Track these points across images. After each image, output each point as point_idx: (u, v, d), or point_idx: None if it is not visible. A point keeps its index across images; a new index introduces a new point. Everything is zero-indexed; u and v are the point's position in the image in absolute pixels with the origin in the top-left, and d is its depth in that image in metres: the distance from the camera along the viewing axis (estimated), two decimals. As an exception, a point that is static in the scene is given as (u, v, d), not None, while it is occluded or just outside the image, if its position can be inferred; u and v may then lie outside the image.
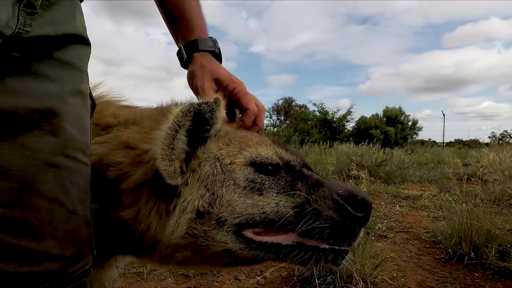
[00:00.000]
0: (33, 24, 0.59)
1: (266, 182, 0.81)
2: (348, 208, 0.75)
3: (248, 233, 0.78)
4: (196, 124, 0.79)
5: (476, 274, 2.39)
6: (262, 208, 0.78)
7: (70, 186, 0.65)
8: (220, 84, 0.99)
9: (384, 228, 3.39)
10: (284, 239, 0.77)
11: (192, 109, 0.76)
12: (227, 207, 0.78)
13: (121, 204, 0.81)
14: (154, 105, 1.10)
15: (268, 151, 0.86)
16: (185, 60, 1.03)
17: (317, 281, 1.98)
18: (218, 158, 0.82)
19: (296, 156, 0.91)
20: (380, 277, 2.12)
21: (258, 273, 2.33)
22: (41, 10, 0.61)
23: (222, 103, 0.80)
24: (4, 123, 0.57)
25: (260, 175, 0.82)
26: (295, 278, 2.14)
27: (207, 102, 0.77)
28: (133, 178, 0.80)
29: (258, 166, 0.83)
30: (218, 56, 1.04)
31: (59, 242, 0.62)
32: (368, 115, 23.21)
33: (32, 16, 0.59)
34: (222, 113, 0.82)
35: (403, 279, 2.26)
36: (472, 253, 2.54)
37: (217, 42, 1.04)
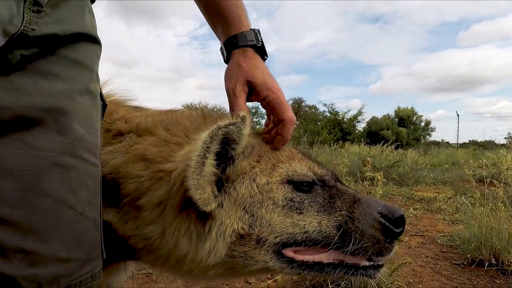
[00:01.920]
0: (39, 22, 0.57)
1: (305, 200, 0.80)
2: (390, 226, 0.77)
3: (289, 252, 0.78)
4: (224, 145, 0.76)
5: (498, 281, 2.28)
6: (304, 227, 0.78)
7: (78, 187, 0.63)
8: (254, 89, 0.92)
9: (398, 231, 3.29)
10: (325, 257, 0.77)
11: (219, 132, 0.72)
12: (267, 227, 0.77)
13: (143, 220, 0.78)
14: (165, 107, 1.07)
15: (302, 167, 0.85)
16: (226, 58, 0.97)
17: (330, 286, 1.92)
18: (253, 179, 0.79)
19: (327, 169, 0.90)
20: (396, 283, 2.05)
21: (269, 276, 2.28)
22: (48, 9, 0.59)
23: (249, 119, 0.77)
24: (10, 122, 0.55)
25: (299, 193, 0.81)
26: (307, 282, 2.08)
27: (235, 123, 0.74)
28: (156, 194, 0.77)
29: (295, 183, 0.82)
30: (261, 49, 0.96)
31: (66, 245, 0.60)
32: (379, 115, 22.88)
33: (38, 14, 0.58)
34: (248, 129, 0.78)
35: (420, 285, 2.17)
36: (492, 258, 2.43)
37: (259, 34, 0.96)
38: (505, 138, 26.50)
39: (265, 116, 1.01)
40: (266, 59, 0.98)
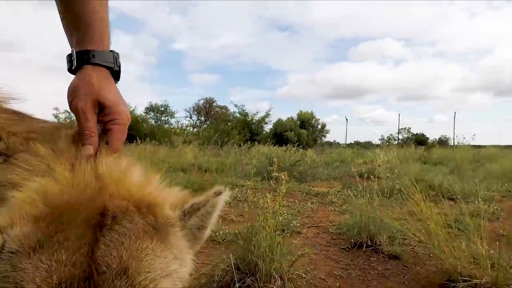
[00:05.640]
0: None
1: None
2: None
3: None
4: None
5: (372, 259, 2.76)
6: None
7: None
8: (104, 111, 0.80)
9: (298, 224, 3.63)
10: None
11: None
12: None
13: None
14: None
15: None
16: (74, 69, 0.83)
17: (237, 284, 1.98)
18: None
19: None
20: (296, 272, 2.25)
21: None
22: None
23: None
24: None
25: None
26: (214, 284, 2.09)
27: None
28: None
29: None
30: (117, 73, 0.87)
31: None
32: (284, 118, 24.81)
33: None
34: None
35: (315, 272, 2.45)
36: (369, 241, 2.93)
37: (118, 58, 0.87)
38: (379, 139, 32.28)
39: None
40: (117, 82, 0.90)
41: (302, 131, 23.04)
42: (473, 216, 4.02)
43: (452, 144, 16.28)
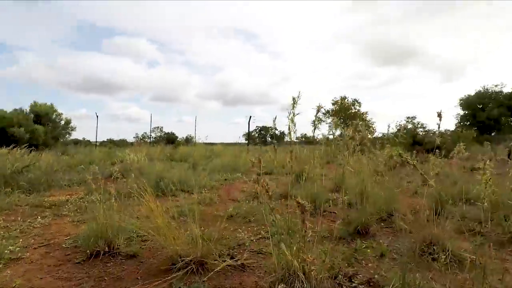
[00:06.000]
0: None
1: None
2: None
3: None
4: None
5: (109, 264, 2.78)
6: None
7: None
8: None
9: (18, 249, 2.98)
10: None
11: None
12: None
13: None
14: None
15: None
16: None
17: None
18: None
19: None
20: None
21: None
22: None
23: None
24: None
25: None
26: None
27: None
28: None
29: None
30: None
31: None
32: (10, 109, 18.98)
33: None
34: None
35: (36, 301, 2.13)
36: (106, 247, 2.93)
37: None
38: (134, 137, 32.50)
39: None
40: None
41: (38, 127, 18.68)
42: (199, 204, 5.06)
43: (194, 142, 19.41)
